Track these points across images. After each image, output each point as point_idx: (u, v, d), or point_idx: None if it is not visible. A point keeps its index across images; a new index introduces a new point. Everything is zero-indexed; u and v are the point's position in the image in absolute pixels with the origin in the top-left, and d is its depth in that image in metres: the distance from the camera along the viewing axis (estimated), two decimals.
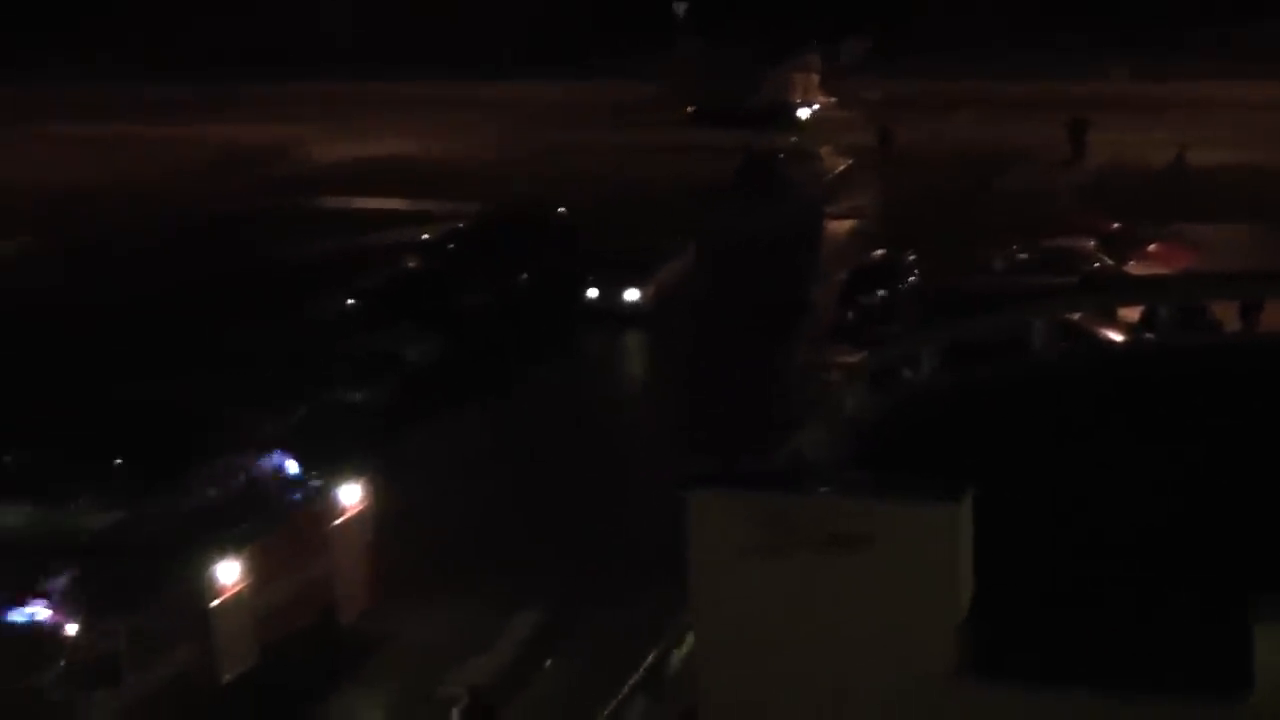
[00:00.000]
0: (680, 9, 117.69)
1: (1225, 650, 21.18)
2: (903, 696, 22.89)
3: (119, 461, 49.06)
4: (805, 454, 28.77)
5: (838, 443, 29.55)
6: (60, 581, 35.48)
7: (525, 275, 66.95)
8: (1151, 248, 64.04)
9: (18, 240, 78.64)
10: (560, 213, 72.56)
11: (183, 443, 50.77)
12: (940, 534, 22.84)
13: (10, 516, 46.38)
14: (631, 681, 38.41)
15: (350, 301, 66.33)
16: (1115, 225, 65.80)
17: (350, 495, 42.45)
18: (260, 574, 38.70)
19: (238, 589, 38.03)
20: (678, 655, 37.19)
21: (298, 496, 41.77)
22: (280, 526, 40.45)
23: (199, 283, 70.10)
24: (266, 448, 42.99)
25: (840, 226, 73.04)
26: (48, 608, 34.52)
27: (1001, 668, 22.60)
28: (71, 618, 34.46)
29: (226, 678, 37.64)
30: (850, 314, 59.51)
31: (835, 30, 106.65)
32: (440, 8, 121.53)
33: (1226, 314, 38.31)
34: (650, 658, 38.46)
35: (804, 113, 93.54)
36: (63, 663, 34.12)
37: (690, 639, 30.62)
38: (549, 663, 39.90)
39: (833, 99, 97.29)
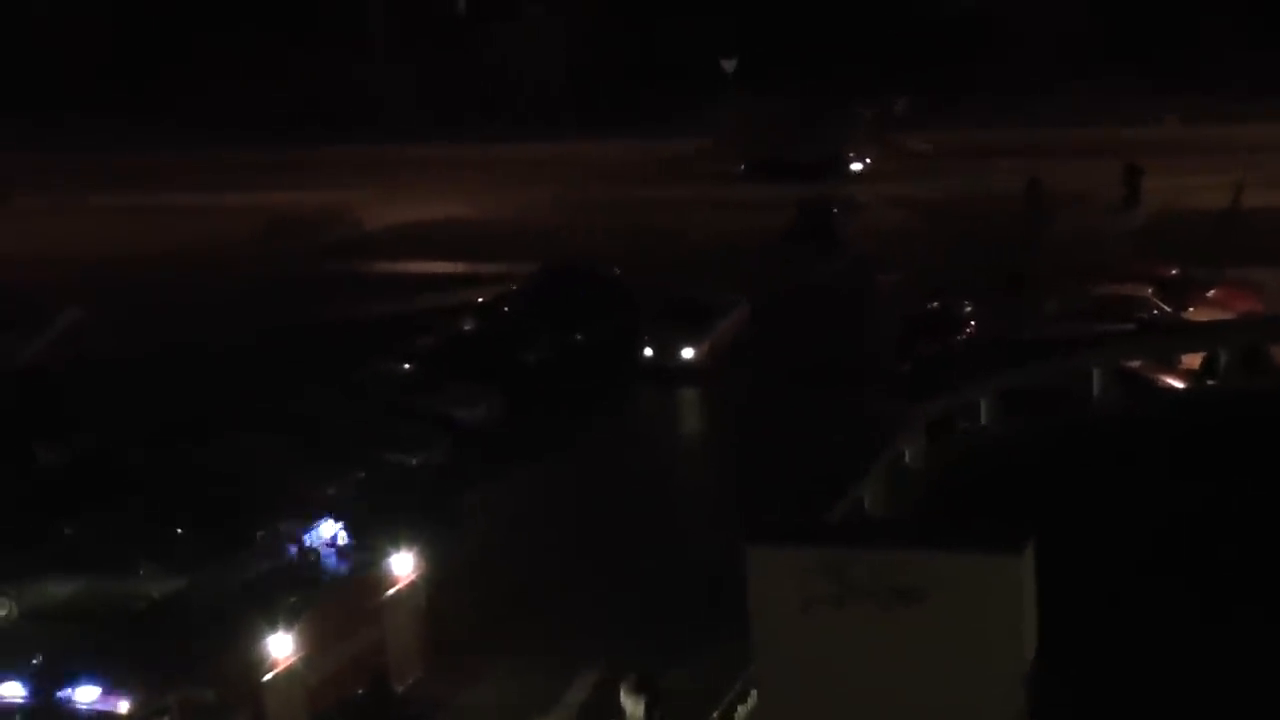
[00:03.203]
0: (729, 65, 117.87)
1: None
2: None
3: (179, 531, 49.38)
4: (865, 506, 28.75)
5: (897, 494, 29.55)
6: (112, 657, 35.61)
7: (580, 334, 67.00)
8: (1211, 293, 63.78)
9: (76, 309, 79.08)
10: (613, 270, 72.62)
11: (240, 511, 51.08)
12: (1001, 585, 22.85)
13: (70, 587, 46.79)
14: None
15: (405, 365, 66.50)
16: (1173, 271, 65.67)
17: (402, 565, 42.10)
18: (313, 645, 38.53)
19: (290, 661, 37.88)
20: (742, 712, 37.19)
21: (350, 566, 41.27)
22: (333, 597, 40.15)
23: (254, 348, 70.41)
24: (319, 516, 42.85)
25: (894, 278, 72.88)
26: (99, 685, 34.57)
27: (1070, 708, 22.60)
28: (123, 694, 34.54)
29: None
30: (907, 365, 59.47)
31: (887, 81, 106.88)
32: (488, 70, 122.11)
33: None
34: (715, 716, 38.49)
35: (856, 165, 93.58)
36: None
37: (754, 695, 30.60)
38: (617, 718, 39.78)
39: (885, 150, 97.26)
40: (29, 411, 65.12)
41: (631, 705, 39.69)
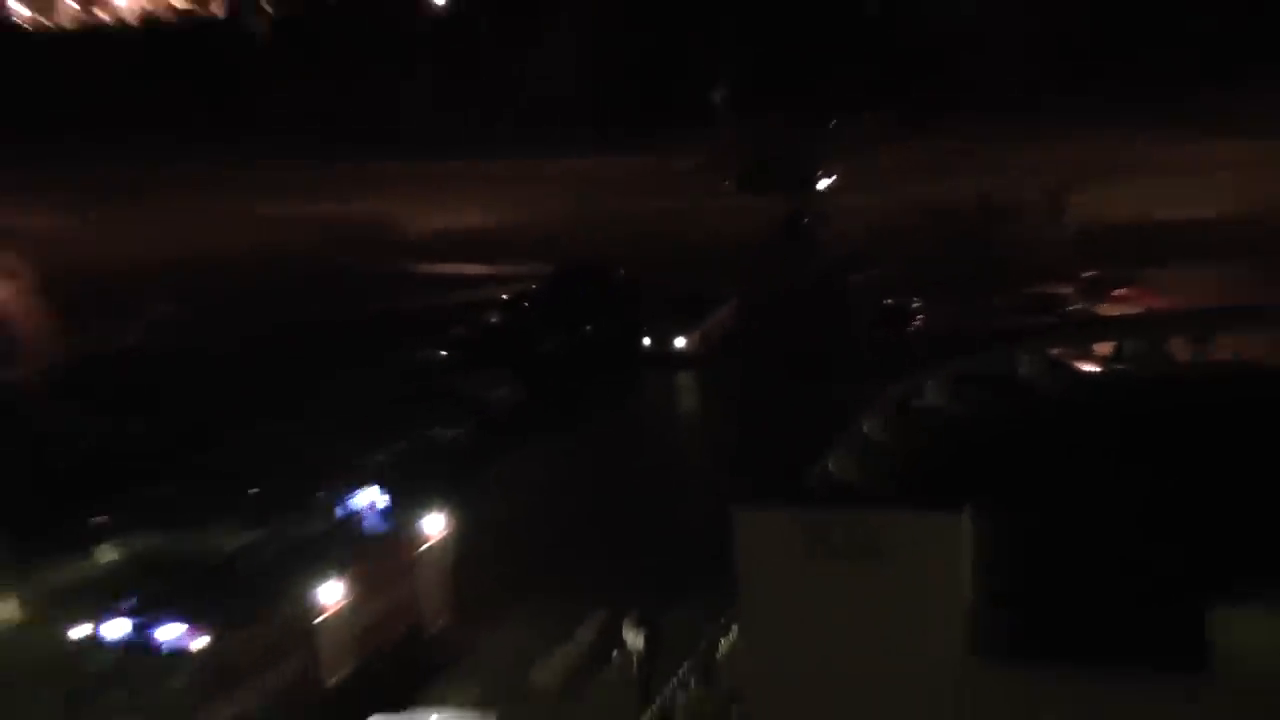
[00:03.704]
0: (719, 95, 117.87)
1: (1184, 634, 21.61)
2: (919, 677, 23.32)
3: (252, 491, 49.82)
4: (834, 474, 29.15)
5: (861, 463, 29.93)
6: (188, 601, 36.41)
7: (590, 326, 67.36)
8: (1121, 292, 64.32)
9: (172, 304, 79.32)
10: (619, 271, 72.98)
11: (301, 476, 51.51)
12: (945, 539, 23.31)
13: (158, 540, 47.23)
14: (684, 668, 38.84)
15: (441, 352, 66.84)
16: (1091, 272, 66.09)
17: (434, 525, 42.96)
18: (357, 593, 39.27)
19: (338, 607, 38.71)
20: (724, 646, 37.63)
21: (389, 527, 42.09)
22: (374, 553, 40.90)
23: (314, 337, 70.70)
24: (364, 483, 43.64)
25: (859, 278, 73.06)
26: (181, 624, 35.41)
27: (1002, 651, 23.02)
28: (200, 633, 35.11)
29: (329, 683, 38.32)
30: (867, 352, 59.80)
31: (859, 102, 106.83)
32: (511, 94, 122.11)
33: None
34: (701, 649, 38.91)
35: (826, 181, 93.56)
36: (190, 671, 34.72)
37: (734, 632, 31.02)
38: (617, 654, 40.18)
39: (856, 166, 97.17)
40: (123, 387, 65.55)
41: (632, 639, 40.18)
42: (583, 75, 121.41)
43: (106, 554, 49.21)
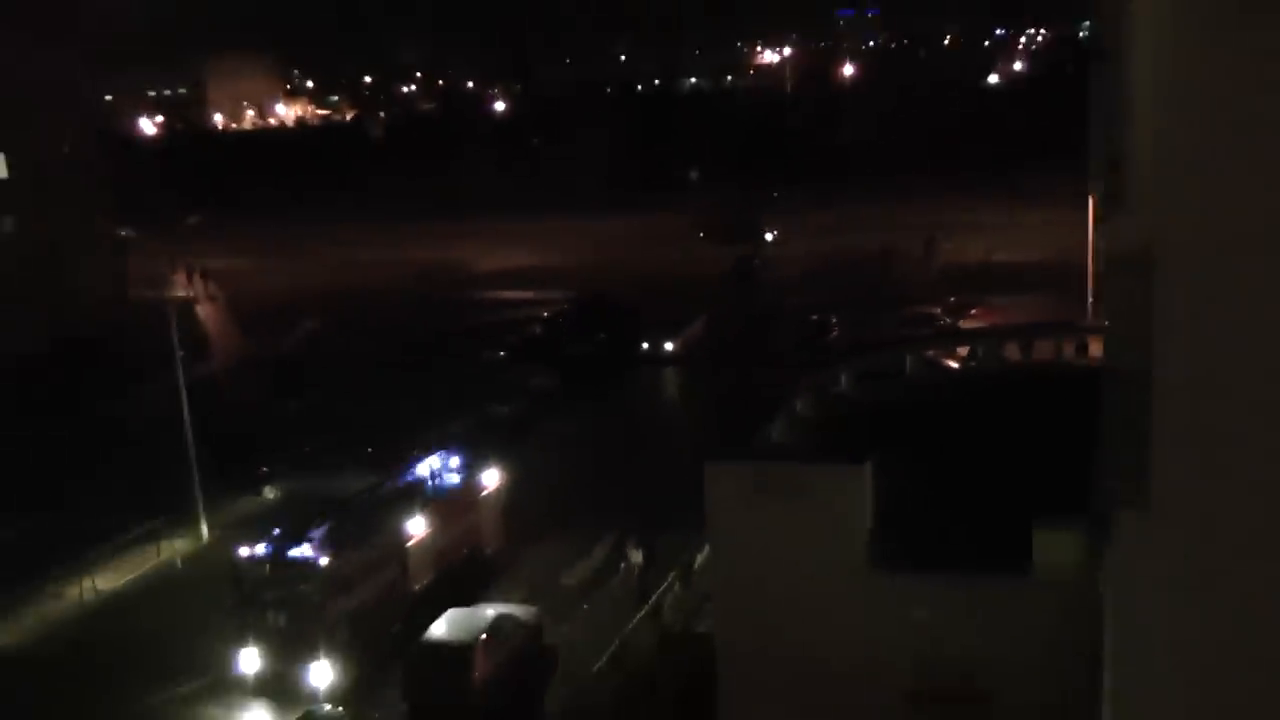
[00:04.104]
0: (694, 174, 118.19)
1: (1015, 547, 21.50)
2: (832, 580, 23.18)
3: (369, 450, 49.75)
4: (774, 438, 28.99)
5: (794, 431, 29.78)
6: (319, 530, 36.09)
7: (603, 336, 67.33)
8: (973, 311, 64.29)
9: (316, 320, 79.63)
10: (623, 297, 72.90)
11: (403, 440, 51.43)
12: (852, 484, 23.18)
13: (306, 483, 47.22)
14: (672, 575, 38.67)
15: (500, 353, 66.87)
16: (952, 299, 66.03)
17: (490, 478, 42.69)
18: (435, 526, 39.07)
19: (422, 536, 38.55)
20: (699, 560, 37.47)
21: (460, 478, 41.73)
22: (447, 497, 40.57)
23: (413, 344, 70.74)
24: (440, 448, 43.40)
25: (792, 302, 73.02)
26: (310, 546, 35.24)
27: (891, 562, 22.87)
28: (323, 553, 34.98)
29: (415, 588, 38.16)
30: (799, 354, 59.75)
31: (789, 182, 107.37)
32: (549, 173, 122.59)
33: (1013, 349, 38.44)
34: (682, 562, 38.74)
35: (769, 235, 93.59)
36: (319, 580, 34.60)
37: (706, 550, 30.96)
38: (623, 565, 40.08)
39: (787, 226, 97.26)
40: (280, 380, 65.56)
41: (634, 555, 40.04)
42: (600, 161, 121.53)
43: (269, 493, 49.25)
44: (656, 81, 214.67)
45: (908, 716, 22.88)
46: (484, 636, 34.27)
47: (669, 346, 66.42)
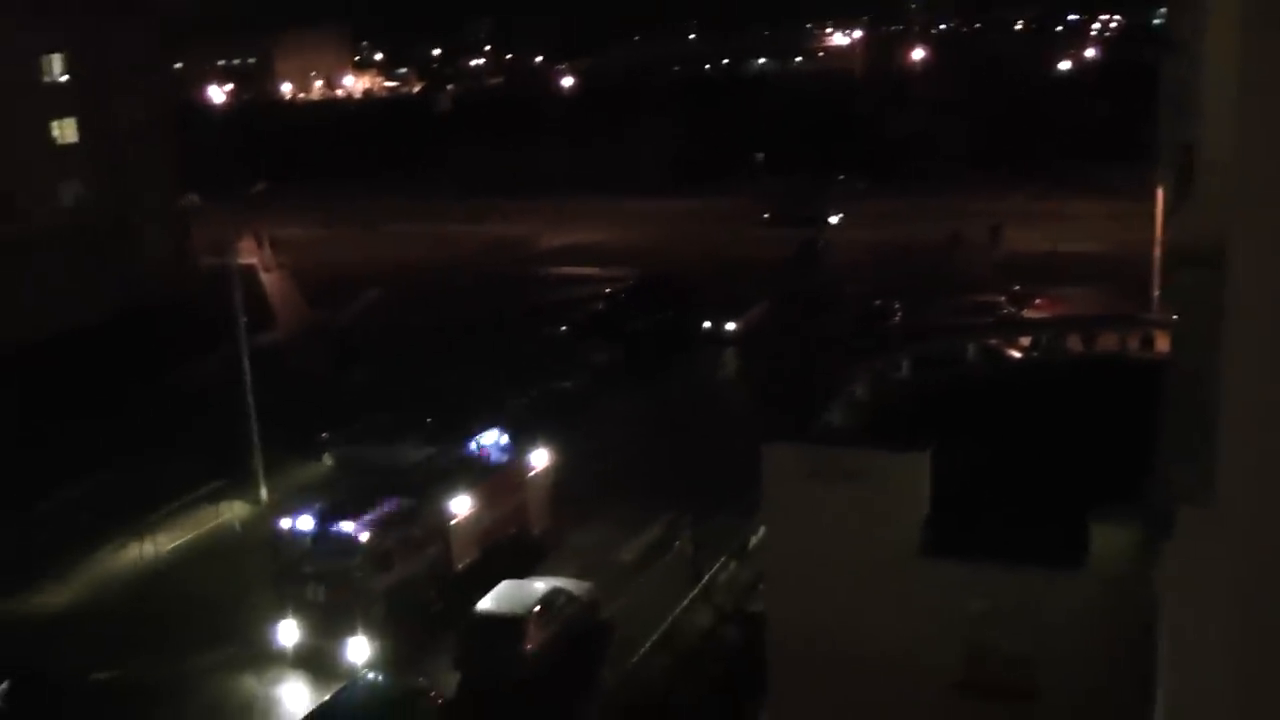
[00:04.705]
0: (759, 157, 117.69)
1: (1071, 540, 21.31)
2: (885, 565, 23.09)
3: (428, 420, 49.97)
4: (832, 422, 28.89)
5: (852, 415, 29.66)
6: (361, 506, 36.37)
7: (665, 314, 67.19)
8: (1037, 301, 63.67)
9: (380, 291, 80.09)
10: (686, 276, 72.64)
11: (463, 412, 51.68)
12: (910, 471, 23.05)
13: (365, 452, 47.46)
14: (726, 556, 38.68)
15: (564, 328, 66.92)
16: (1016, 287, 65.39)
17: (539, 458, 42.55)
18: (481, 505, 39.09)
19: (467, 514, 38.61)
20: (754, 540, 37.45)
21: (507, 458, 41.70)
22: (495, 477, 40.56)
23: (480, 317, 71.00)
24: (491, 425, 43.28)
25: (854, 286, 72.56)
26: (351, 521, 35.39)
27: (945, 550, 22.75)
28: (364, 529, 35.12)
29: (459, 567, 38.26)
30: (860, 339, 59.46)
31: (853, 169, 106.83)
32: (617, 154, 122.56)
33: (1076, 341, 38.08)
34: (738, 542, 38.74)
35: (834, 219, 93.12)
36: (358, 556, 34.66)
37: (761, 531, 30.91)
38: (677, 544, 40.10)
39: (850, 211, 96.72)
40: (343, 350, 66.02)
41: (688, 533, 40.06)
42: (667, 143, 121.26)
43: (329, 460, 49.58)
44: (725, 62, 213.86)
45: (954, 706, 22.78)
46: (536, 609, 34.43)
47: (731, 327, 66.27)
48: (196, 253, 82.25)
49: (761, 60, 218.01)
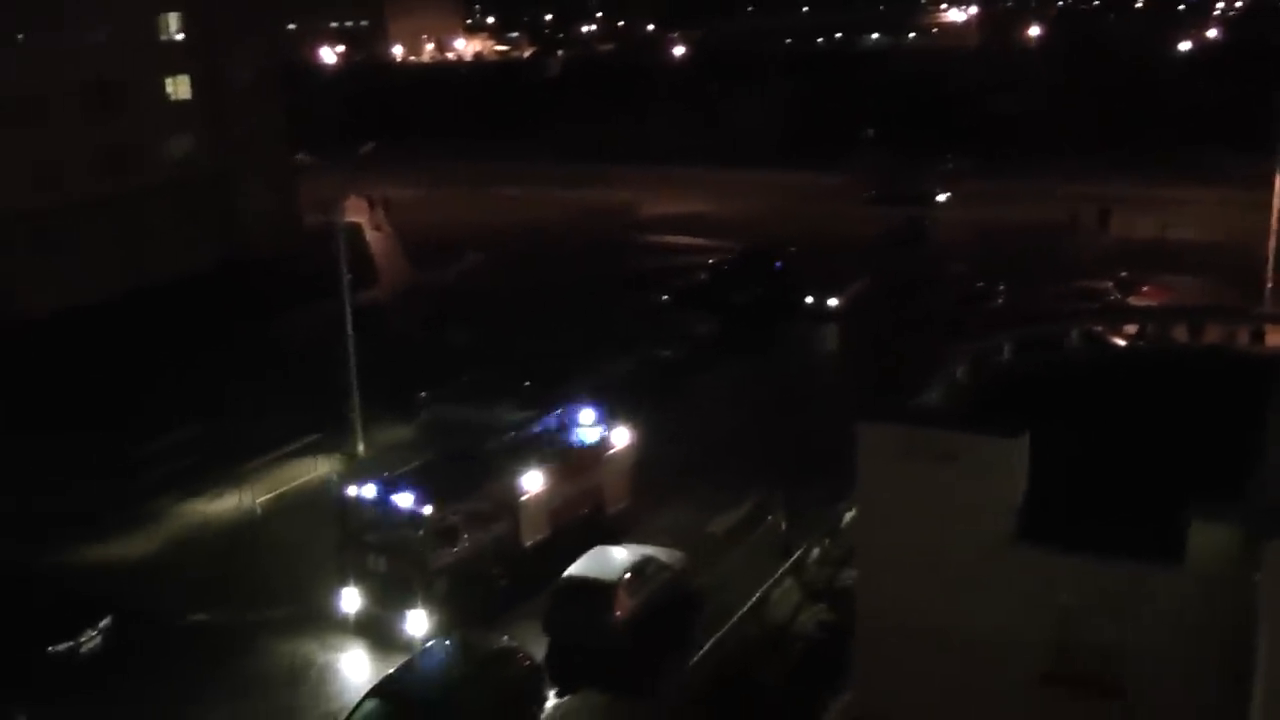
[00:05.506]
0: (868, 132, 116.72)
1: (1169, 532, 20.97)
2: (977, 550, 22.89)
3: (526, 384, 50.15)
4: (930, 402, 28.67)
5: (950, 397, 29.42)
6: (424, 479, 36.01)
7: (766, 287, 67.02)
8: (1144, 289, 62.61)
9: (481, 254, 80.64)
10: (789, 250, 72.37)
11: (564, 376, 51.90)
12: (1008, 456, 22.78)
13: (465, 413, 47.64)
14: (817, 533, 38.54)
15: (665, 297, 66.90)
16: (1123, 273, 64.34)
17: (620, 437, 41.71)
18: (554, 482, 38.43)
19: (538, 491, 37.97)
20: (846, 517, 37.30)
21: (588, 435, 40.91)
22: (572, 454, 39.86)
23: (581, 283, 71.36)
24: (578, 402, 42.76)
25: (957, 267, 71.88)
26: (416, 494, 34.84)
27: (1039, 539, 22.50)
28: (428, 502, 34.61)
29: (527, 544, 37.74)
30: (961, 319, 58.92)
31: (959, 145, 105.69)
32: (723, 124, 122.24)
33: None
34: (830, 519, 38.58)
35: (941, 197, 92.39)
36: (421, 529, 34.27)
37: (854, 509, 30.77)
38: (769, 518, 40.00)
39: (955, 191, 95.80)
40: (443, 310, 66.56)
41: (780, 509, 39.95)
42: (774, 116, 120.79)
43: (423, 420, 49.89)
44: (838, 36, 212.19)
45: (1039, 697, 22.56)
46: (627, 576, 34.48)
47: (832, 302, 65.91)
48: (303, 209, 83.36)
49: (874, 36, 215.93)
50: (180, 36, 78.57)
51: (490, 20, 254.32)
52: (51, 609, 34.59)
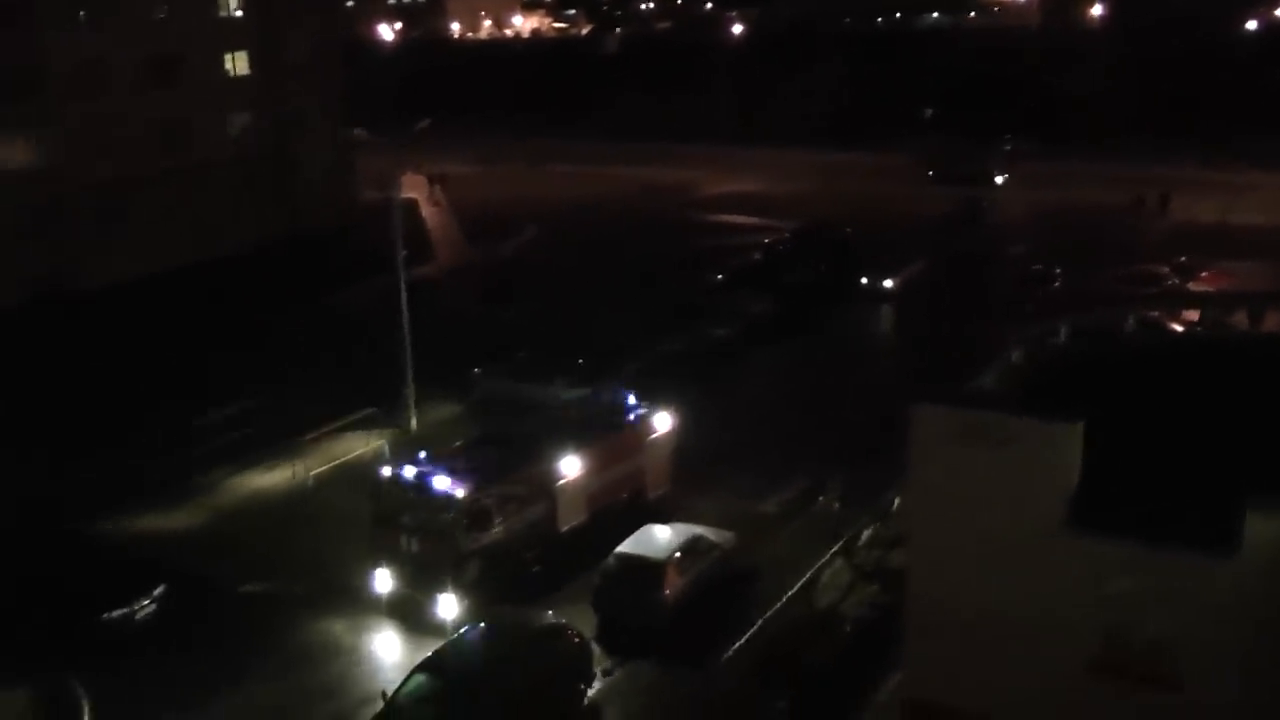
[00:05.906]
0: (927, 112, 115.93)
1: (1225, 522, 20.70)
2: (1028, 536, 22.69)
3: (580, 361, 50.16)
4: (985, 385, 28.43)
5: (1005, 380, 29.18)
6: (460, 461, 35.73)
7: (822, 267, 66.77)
8: (1204, 274, 61.87)
9: (533, 227, 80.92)
10: (845, 230, 72.05)
11: (613, 355, 51.89)
12: (1063, 441, 22.55)
13: (518, 389, 47.66)
14: (867, 515, 38.39)
15: (720, 276, 66.76)
16: (1182, 258, 63.64)
17: (662, 421, 41.21)
18: (592, 466, 38.05)
19: (577, 475, 37.59)
20: (896, 502, 37.12)
21: (629, 419, 40.46)
22: (612, 438, 39.42)
23: (636, 260, 71.35)
24: (619, 385, 42.88)
25: (1015, 249, 71.35)
26: (451, 476, 34.57)
27: (1093, 525, 22.27)
28: (463, 485, 34.34)
29: (563, 529, 37.45)
30: (1018, 302, 58.53)
31: (1018, 126, 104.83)
32: (780, 104, 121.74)
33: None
34: (881, 502, 38.42)
35: (1000, 179, 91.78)
36: (454, 512, 34.05)
37: (905, 492, 30.60)
38: (820, 500, 39.87)
39: (1014, 173, 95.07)
40: (498, 286, 66.69)
41: (831, 492, 39.81)
42: (833, 95, 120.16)
43: (476, 396, 49.96)
44: (897, 15, 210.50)
45: (1089, 686, 22.35)
46: (677, 555, 34.44)
47: (888, 284, 65.57)
48: (359, 185, 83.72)
49: (934, 14, 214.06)
50: (240, 13, 79.02)
51: None
52: (107, 576, 34.90)
